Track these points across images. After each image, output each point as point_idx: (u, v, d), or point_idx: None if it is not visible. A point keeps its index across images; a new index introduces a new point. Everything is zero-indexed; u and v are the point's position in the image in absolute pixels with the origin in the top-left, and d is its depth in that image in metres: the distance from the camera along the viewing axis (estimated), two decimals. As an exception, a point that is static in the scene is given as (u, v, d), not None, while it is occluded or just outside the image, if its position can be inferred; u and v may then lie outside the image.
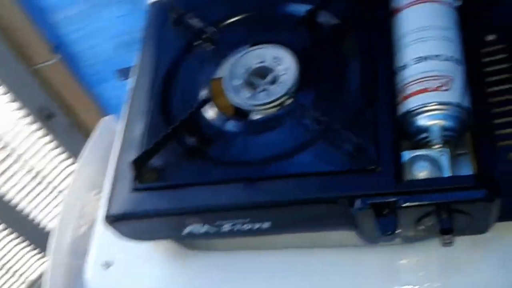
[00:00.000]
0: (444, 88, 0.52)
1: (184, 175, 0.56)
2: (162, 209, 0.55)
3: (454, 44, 0.56)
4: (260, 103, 0.57)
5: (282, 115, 0.57)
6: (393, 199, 0.47)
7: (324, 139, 0.53)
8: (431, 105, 0.52)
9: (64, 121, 1.44)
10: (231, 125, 0.58)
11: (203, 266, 0.64)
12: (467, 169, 0.54)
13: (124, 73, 1.44)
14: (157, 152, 0.56)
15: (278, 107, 0.58)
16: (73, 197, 0.89)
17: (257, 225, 0.55)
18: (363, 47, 0.58)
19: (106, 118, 1.04)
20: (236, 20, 0.66)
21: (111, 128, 1.01)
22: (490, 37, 0.61)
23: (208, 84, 0.62)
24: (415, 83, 0.54)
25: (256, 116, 0.59)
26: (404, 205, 0.46)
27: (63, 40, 1.31)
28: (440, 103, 0.52)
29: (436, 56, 0.54)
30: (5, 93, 1.23)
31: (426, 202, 0.46)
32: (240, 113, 0.59)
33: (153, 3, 0.72)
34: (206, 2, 0.69)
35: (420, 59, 0.55)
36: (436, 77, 0.53)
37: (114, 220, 0.57)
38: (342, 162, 0.51)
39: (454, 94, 0.52)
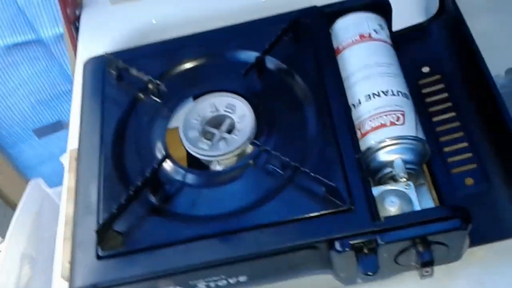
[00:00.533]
0: (399, 122, 0.54)
1: (150, 237, 0.54)
2: (130, 275, 0.52)
3: (398, 79, 0.58)
4: (221, 154, 0.57)
5: (245, 164, 0.56)
6: (373, 237, 0.47)
7: (292, 184, 0.53)
8: (390, 140, 0.54)
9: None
10: (193, 179, 0.57)
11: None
12: (427, 198, 0.56)
13: (42, 132, 1.40)
14: (120, 215, 0.54)
15: (239, 156, 0.57)
16: (5, 271, 0.85)
17: (232, 280, 0.53)
18: (314, 88, 0.59)
19: (32, 182, 1.01)
20: (181, 71, 0.65)
21: (39, 192, 0.98)
22: (425, 69, 0.65)
23: (161, 137, 0.60)
24: (370, 120, 0.55)
25: (218, 167, 0.58)
26: (385, 242, 0.47)
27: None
28: (398, 138, 0.54)
29: (385, 92, 0.56)
30: None
31: (406, 237, 0.47)
32: (200, 164, 0.58)
33: (89, 60, 0.70)
34: (146, 54, 0.68)
35: (370, 96, 0.57)
36: (389, 112, 0.55)
37: (81, 292, 0.53)
38: (315, 205, 0.51)
39: (409, 127, 0.54)
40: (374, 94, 0.56)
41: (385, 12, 0.63)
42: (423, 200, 0.55)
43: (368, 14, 0.62)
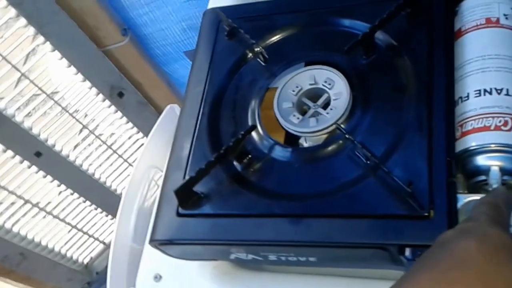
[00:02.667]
0: (505, 128, 0.48)
1: (227, 204, 0.56)
2: (205, 238, 0.55)
3: (518, 78, 0.51)
4: (310, 131, 0.55)
5: (331, 145, 0.54)
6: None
7: (374, 177, 0.50)
8: (492, 146, 0.48)
9: (135, 98, 1.48)
10: (278, 152, 0.56)
11: (253, 285, 0.63)
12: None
13: (192, 55, 1.46)
14: (200, 180, 0.55)
15: (329, 134, 0.55)
16: (139, 174, 0.94)
17: (302, 259, 0.53)
18: (421, 73, 0.54)
19: (168, 107, 1.08)
20: (288, 36, 0.63)
21: (175, 116, 1.05)
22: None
23: (258, 102, 0.60)
24: (475, 119, 0.50)
25: (304, 143, 0.57)
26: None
27: (133, 22, 1.33)
28: (501, 145, 0.48)
29: (499, 90, 0.50)
30: (76, 73, 1.27)
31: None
32: (288, 137, 0.58)
33: (207, 11, 0.70)
34: (257, 15, 0.67)
35: (481, 92, 0.51)
36: (496, 114, 0.49)
37: (159, 244, 0.57)
38: (391, 205, 0.48)
39: (517, 135, 0.48)
40: (485, 90, 0.50)
41: (523, -8, 0.55)
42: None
43: (501, -6, 0.54)
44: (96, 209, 1.56)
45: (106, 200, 1.57)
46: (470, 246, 0.35)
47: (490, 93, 0.50)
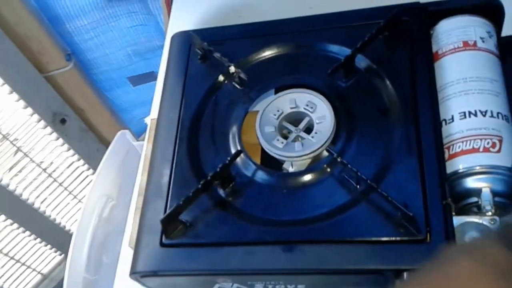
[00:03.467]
0: (494, 149, 0.49)
1: (214, 232, 0.53)
2: (191, 268, 0.52)
3: (500, 99, 0.53)
4: (296, 156, 0.54)
5: (320, 170, 0.53)
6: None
7: (366, 201, 0.50)
8: (482, 168, 0.49)
9: (77, 124, 1.43)
10: (264, 177, 0.55)
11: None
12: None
13: (136, 80, 1.44)
14: (186, 208, 0.53)
15: (314, 159, 0.55)
16: (91, 204, 0.91)
17: (291, 286, 0.52)
18: (404, 95, 0.54)
19: (119, 133, 1.06)
20: (265, 58, 0.62)
21: (126, 142, 1.03)
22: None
23: (238, 127, 0.58)
24: (462, 141, 0.50)
25: (291, 168, 0.56)
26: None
27: (77, 47, 1.29)
28: (491, 167, 0.49)
29: (483, 112, 0.51)
30: (17, 100, 1.22)
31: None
32: (274, 159, 0.56)
33: (176, 35, 0.68)
34: (232, 36, 0.65)
35: (466, 114, 0.51)
36: (484, 136, 0.50)
37: (141, 276, 0.54)
38: (387, 229, 0.48)
39: (505, 156, 0.49)
40: (470, 112, 0.51)
41: (495, 17, 0.57)
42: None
43: (476, 18, 0.56)
44: (35, 239, 1.49)
45: (45, 229, 1.51)
46: (466, 265, 0.35)
47: (475, 115, 0.51)
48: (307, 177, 0.53)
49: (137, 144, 1.16)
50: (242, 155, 0.56)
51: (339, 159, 0.51)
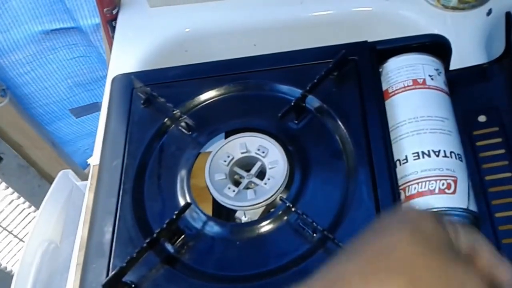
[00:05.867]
0: (449, 191, 0.48)
1: (163, 292, 0.50)
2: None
3: (452, 137, 0.52)
4: (248, 205, 0.52)
5: (274, 218, 0.51)
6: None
7: (324, 250, 0.48)
8: (438, 211, 0.48)
9: (15, 161, 1.37)
10: (216, 229, 0.52)
11: None
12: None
13: (79, 111, 1.40)
14: (130, 269, 0.49)
15: (268, 207, 0.52)
16: (33, 248, 0.86)
17: None
18: (356, 136, 0.53)
19: (61, 173, 1.02)
20: (213, 101, 0.60)
21: (68, 182, 1.00)
22: (481, 118, 0.58)
23: (186, 177, 0.55)
24: (417, 183, 0.49)
25: (243, 217, 0.53)
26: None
27: (12, 82, 1.23)
28: (447, 209, 0.48)
29: (436, 152, 0.50)
30: None
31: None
32: (225, 209, 0.54)
33: (116, 77, 0.65)
34: (177, 78, 0.63)
35: (419, 155, 0.50)
36: (439, 177, 0.49)
37: None
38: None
39: (460, 197, 0.48)
40: (423, 153, 0.50)
41: (443, 54, 0.56)
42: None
43: (425, 56, 0.55)
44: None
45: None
46: (402, 236, 0.31)
47: (429, 155, 0.50)
48: (261, 227, 0.51)
49: (81, 184, 1.11)
50: (191, 206, 0.53)
51: (293, 209, 0.49)
